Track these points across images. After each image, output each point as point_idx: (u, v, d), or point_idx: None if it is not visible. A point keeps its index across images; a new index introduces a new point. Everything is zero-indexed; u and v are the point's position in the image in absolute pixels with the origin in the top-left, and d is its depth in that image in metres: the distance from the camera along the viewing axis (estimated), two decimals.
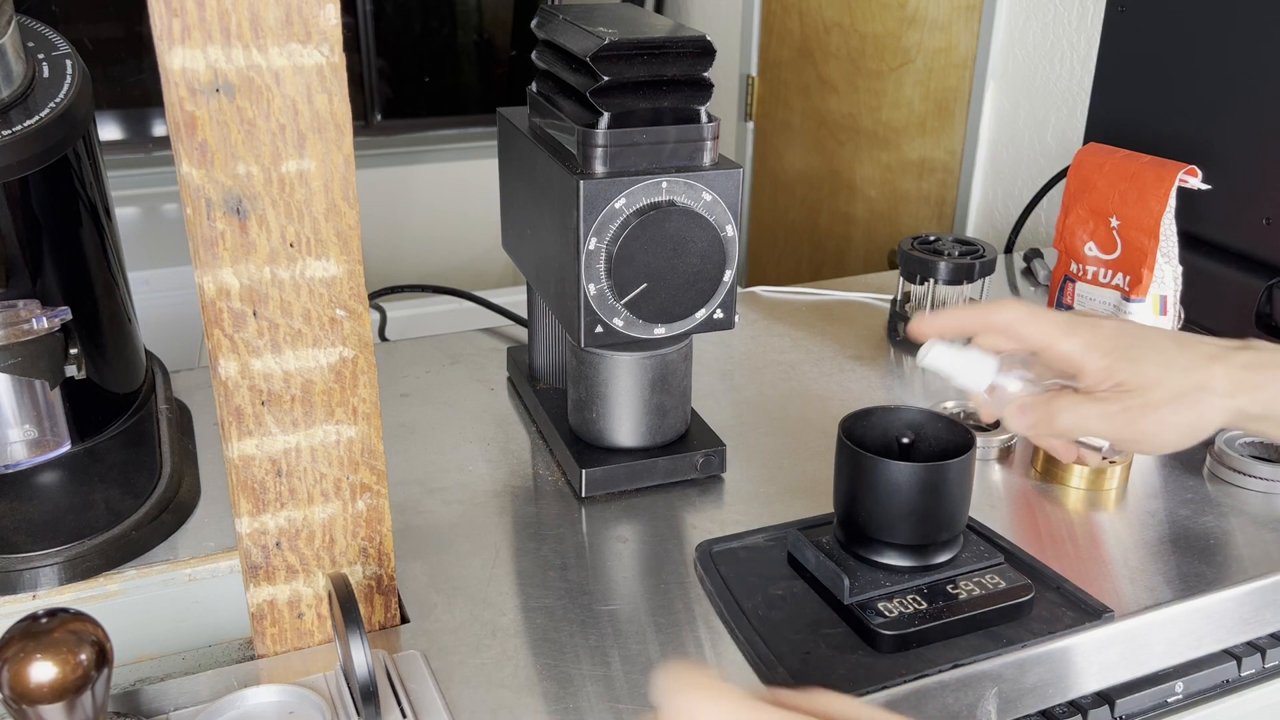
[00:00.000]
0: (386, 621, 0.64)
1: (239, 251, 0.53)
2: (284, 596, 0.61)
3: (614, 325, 0.71)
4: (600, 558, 0.72)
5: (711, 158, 0.71)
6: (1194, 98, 1.04)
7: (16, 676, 0.44)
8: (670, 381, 0.78)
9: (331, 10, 0.51)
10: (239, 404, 0.56)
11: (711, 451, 0.80)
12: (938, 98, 1.88)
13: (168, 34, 0.48)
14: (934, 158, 1.91)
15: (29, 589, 0.66)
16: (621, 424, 0.79)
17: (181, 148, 0.51)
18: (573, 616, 0.65)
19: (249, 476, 0.57)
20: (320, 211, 0.54)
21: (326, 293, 0.56)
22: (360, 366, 0.58)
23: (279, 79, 0.51)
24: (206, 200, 0.52)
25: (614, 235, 0.68)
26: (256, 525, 0.59)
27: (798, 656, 0.61)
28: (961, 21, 1.79)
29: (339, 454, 0.59)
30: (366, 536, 0.62)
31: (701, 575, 0.69)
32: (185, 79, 0.49)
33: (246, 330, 0.55)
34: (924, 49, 1.89)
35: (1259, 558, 0.72)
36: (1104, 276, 0.93)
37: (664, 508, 0.78)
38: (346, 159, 0.54)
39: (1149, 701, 0.68)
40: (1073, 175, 0.99)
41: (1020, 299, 0.63)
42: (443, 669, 0.61)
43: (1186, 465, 0.84)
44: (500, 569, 0.70)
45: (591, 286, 0.70)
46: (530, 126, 0.80)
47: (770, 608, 0.65)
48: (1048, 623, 0.64)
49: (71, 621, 0.46)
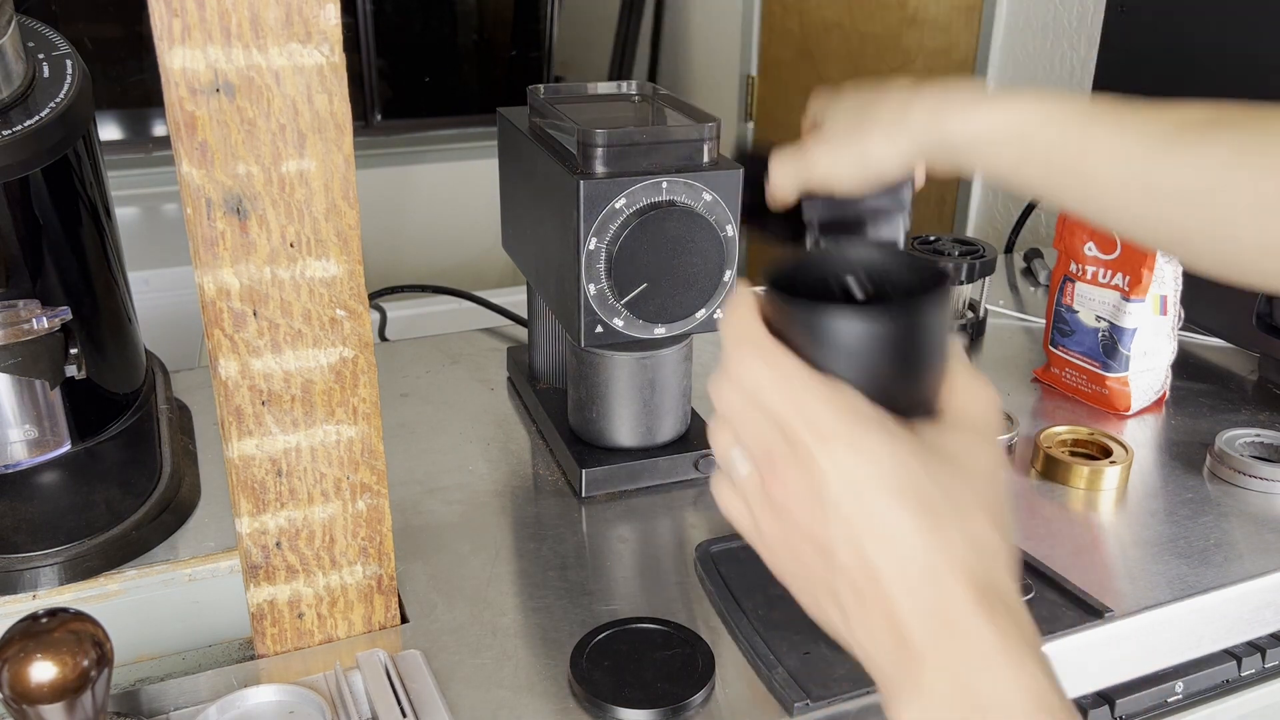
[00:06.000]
0: (386, 621, 0.64)
1: (239, 251, 0.53)
2: (284, 596, 0.61)
3: (614, 325, 0.71)
4: (600, 558, 0.72)
5: (711, 157, 0.71)
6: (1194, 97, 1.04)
7: (17, 676, 0.44)
8: (670, 381, 0.78)
9: (331, 10, 0.51)
10: (239, 404, 0.56)
11: (711, 452, 0.80)
12: None
13: (168, 34, 0.48)
14: None
15: (29, 589, 0.66)
16: (621, 424, 0.79)
17: (182, 147, 0.51)
18: (573, 616, 0.65)
19: (249, 476, 0.57)
20: (320, 211, 0.54)
21: (326, 293, 0.56)
22: (360, 366, 0.58)
23: (279, 79, 0.51)
24: (207, 200, 0.52)
25: (614, 235, 0.68)
26: (256, 525, 0.59)
27: (798, 656, 0.61)
28: (961, 22, 1.79)
29: (339, 454, 0.59)
30: (366, 536, 0.62)
31: (701, 575, 0.69)
32: (185, 79, 0.49)
33: (247, 330, 0.55)
34: (924, 49, 1.89)
35: (1259, 558, 0.72)
36: (1103, 276, 0.93)
37: (664, 508, 0.78)
38: (346, 159, 0.54)
39: (1149, 701, 0.68)
40: None
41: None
42: (443, 669, 0.61)
43: (1187, 465, 0.84)
44: (500, 569, 0.70)
45: (591, 286, 0.70)
46: (530, 126, 0.80)
47: (770, 608, 0.65)
48: (1048, 622, 0.64)
49: (72, 621, 0.46)
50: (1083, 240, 0.95)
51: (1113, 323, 0.91)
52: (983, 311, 1.10)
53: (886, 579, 0.35)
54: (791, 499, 0.37)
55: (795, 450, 0.36)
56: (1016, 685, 0.33)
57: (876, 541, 0.35)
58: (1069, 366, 0.96)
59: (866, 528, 0.35)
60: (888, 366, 0.38)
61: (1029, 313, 1.16)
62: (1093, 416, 0.93)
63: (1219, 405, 0.95)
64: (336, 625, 0.63)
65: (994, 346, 1.08)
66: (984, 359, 1.06)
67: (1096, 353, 0.93)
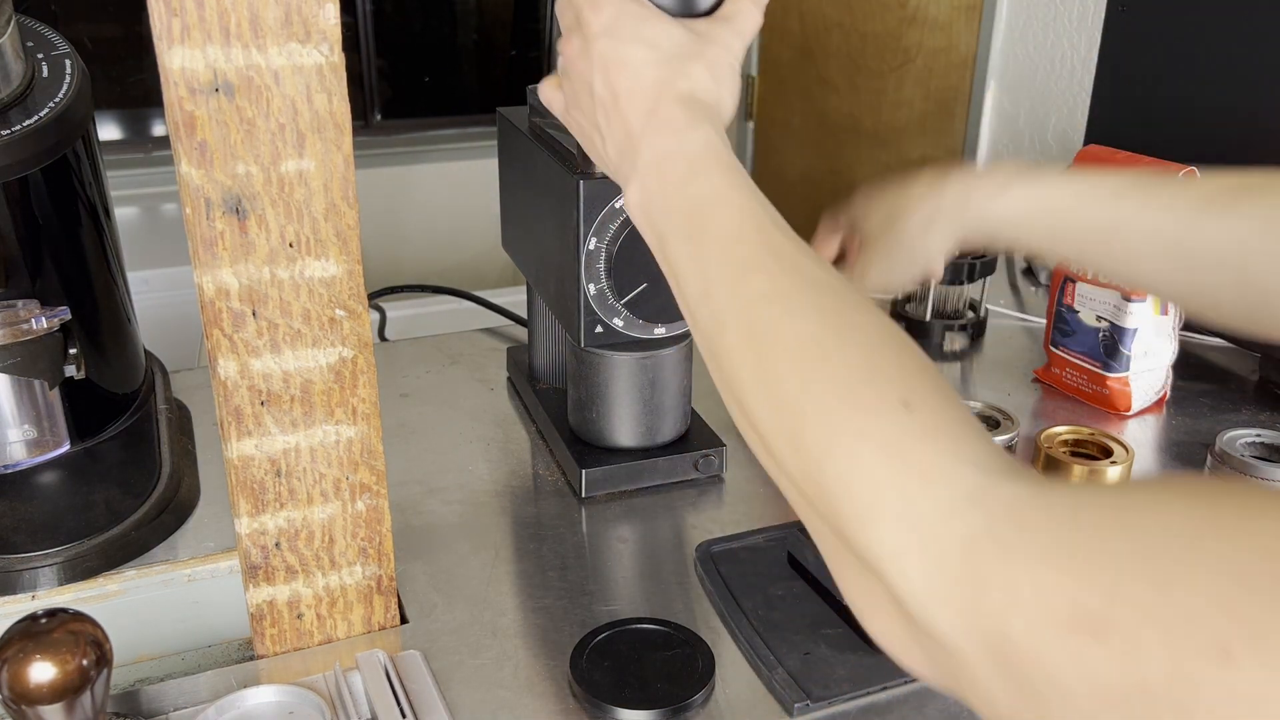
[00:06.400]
0: (386, 622, 0.64)
1: (238, 251, 0.53)
2: (283, 597, 0.61)
3: (614, 325, 0.71)
4: (600, 558, 0.72)
5: None
6: (1195, 97, 1.04)
7: (16, 677, 0.44)
8: (670, 381, 0.78)
9: (331, 10, 0.51)
10: (238, 404, 0.56)
11: (711, 451, 0.80)
12: (938, 97, 1.88)
13: (167, 33, 0.48)
14: (934, 157, 1.91)
15: (28, 589, 0.66)
16: (621, 424, 0.79)
17: (181, 147, 0.50)
18: (573, 617, 0.65)
19: (248, 477, 0.57)
20: (320, 211, 0.54)
21: (326, 293, 0.55)
22: (360, 366, 0.58)
23: (278, 79, 0.51)
24: (206, 200, 0.52)
25: (614, 235, 0.68)
26: (256, 525, 0.59)
27: (798, 656, 0.61)
28: (962, 21, 1.79)
29: (338, 454, 0.59)
30: (366, 537, 0.62)
31: (701, 575, 0.69)
32: (185, 78, 0.49)
33: (246, 330, 0.54)
34: (924, 48, 1.89)
35: None
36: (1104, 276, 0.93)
37: (664, 508, 0.78)
38: (346, 159, 0.54)
39: None
40: None
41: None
42: (443, 669, 0.61)
43: (1187, 465, 0.84)
44: (500, 569, 0.70)
45: (591, 286, 0.70)
46: (530, 126, 0.80)
47: (770, 608, 0.65)
48: None
49: (71, 622, 0.46)
50: None
51: (1113, 323, 0.91)
52: (983, 311, 1.10)
53: (623, 95, 0.49)
54: (574, 60, 0.52)
55: (579, 22, 0.51)
56: (695, 140, 0.47)
57: (618, 70, 0.49)
58: (1069, 366, 0.96)
59: (613, 61, 0.49)
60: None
61: (1029, 313, 1.16)
62: (1093, 417, 0.92)
63: (1220, 405, 0.95)
64: (336, 626, 0.63)
65: (994, 346, 1.08)
66: (984, 359, 1.06)
67: (1097, 353, 0.93)
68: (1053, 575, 0.29)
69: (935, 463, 0.34)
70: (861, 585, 0.36)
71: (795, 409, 0.38)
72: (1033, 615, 0.29)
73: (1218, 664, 0.25)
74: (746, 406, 0.41)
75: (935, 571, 0.32)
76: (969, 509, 0.32)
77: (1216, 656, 0.25)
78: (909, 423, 0.35)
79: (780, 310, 0.41)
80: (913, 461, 0.34)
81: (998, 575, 0.30)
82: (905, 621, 0.34)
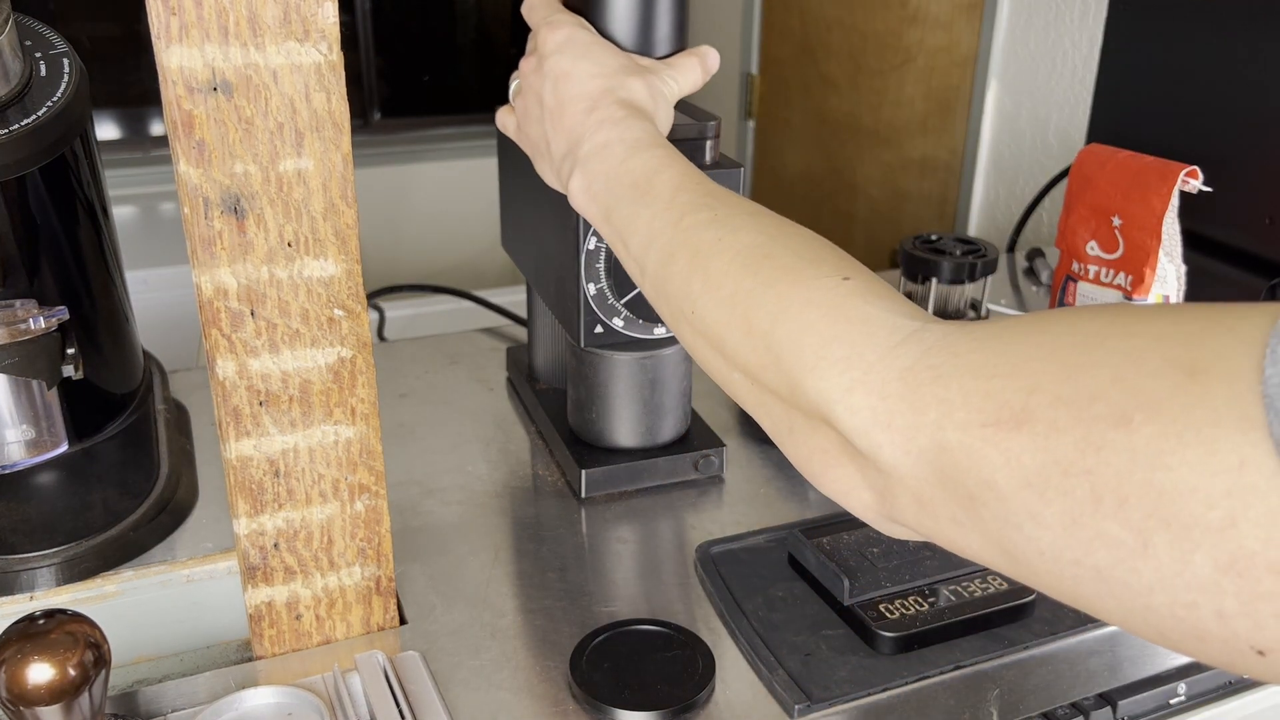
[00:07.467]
0: (385, 623, 0.64)
1: (237, 251, 0.53)
2: (282, 598, 0.61)
3: (614, 325, 0.71)
4: (600, 558, 0.72)
5: (712, 156, 0.70)
6: (1197, 96, 1.03)
7: (14, 678, 0.44)
8: (670, 382, 0.78)
9: (330, 8, 0.50)
10: (237, 404, 0.55)
11: (712, 452, 0.80)
12: (939, 96, 1.88)
13: (165, 32, 0.48)
14: (935, 156, 1.91)
15: (26, 590, 0.65)
16: (621, 424, 0.79)
17: (179, 147, 0.50)
18: (573, 618, 0.65)
19: (247, 477, 0.57)
20: (318, 211, 0.54)
21: (325, 292, 0.55)
22: (359, 366, 0.57)
23: (277, 77, 0.51)
24: (204, 199, 0.51)
25: None
26: (254, 526, 0.58)
27: (798, 658, 0.61)
28: (963, 19, 1.79)
29: (337, 454, 0.59)
30: (365, 537, 0.61)
31: (701, 576, 0.69)
32: (183, 77, 0.49)
33: (244, 330, 0.54)
34: (925, 47, 1.89)
35: None
36: (1106, 276, 0.93)
37: (664, 508, 0.77)
38: (345, 158, 0.53)
39: (1151, 703, 0.68)
40: (1074, 174, 0.99)
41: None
42: (442, 670, 0.60)
43: None
44: (499, 570, 0.70)
45: (591, 286, 0.69)
46: None
47: (771, 609, 0.65)
48: (1050, 624, 0.64)
49: (69, 623, 0.46)
50: (1085, 239, 0.95)
51: None
52: (984, 311, 1.10)
53: (568, 100, 0.55)
54: (528, 76, 0.59)
55: (535, 42, 0.59)
56: (634, 129, 0.53)
57: (565, 81, 0.56)
58: None
59: (561, 74, 0.56)
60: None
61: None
62: None
63: None
64: (335, 627, 0.63)
65: None
66: None
67: None
68: (979, 384, 0.33)
69: (874, 314, 0.39)
70: (812, 443, 0.40)
71: (746, 297, 0.43)
72: (963, 420, 0.33)
73: (1120, 429, 0.28)
74: (699, 315, 0.45)
75: (878, 401, 0.36)
76: (906, 346, 0.37)
77: (1118, 423, 0.29)
78: (849, 288, 0.41)
79: (725, 230, 0.46)
80: (854, 316, 0.39)
81: (932, 395, 0.34)
82: (854, 462, 0.38)
